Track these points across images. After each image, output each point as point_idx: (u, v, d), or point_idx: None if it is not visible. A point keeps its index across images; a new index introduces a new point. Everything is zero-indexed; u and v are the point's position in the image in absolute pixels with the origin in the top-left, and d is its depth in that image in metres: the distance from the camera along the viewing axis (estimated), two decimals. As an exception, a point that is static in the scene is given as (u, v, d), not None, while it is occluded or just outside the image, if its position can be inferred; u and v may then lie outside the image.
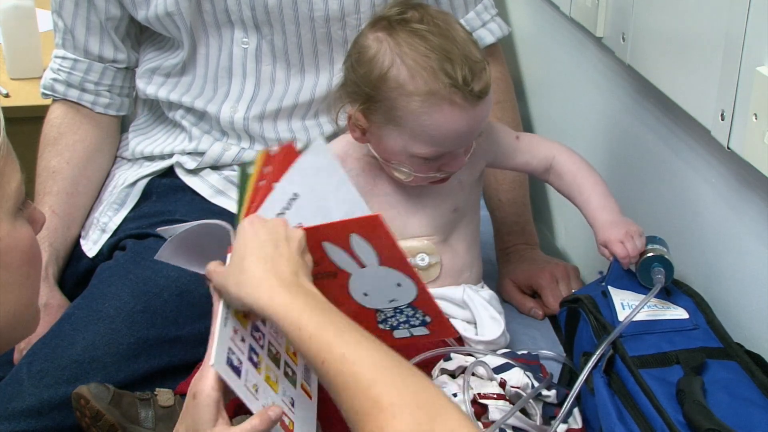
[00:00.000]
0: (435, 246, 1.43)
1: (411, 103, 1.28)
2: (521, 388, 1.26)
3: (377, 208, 1.41)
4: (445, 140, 1.31)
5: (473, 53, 1.29)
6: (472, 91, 1.27)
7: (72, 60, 1.70)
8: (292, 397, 1.14)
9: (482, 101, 1.29)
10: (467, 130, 1.31)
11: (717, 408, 1.10)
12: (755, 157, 1.16)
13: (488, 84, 1.29)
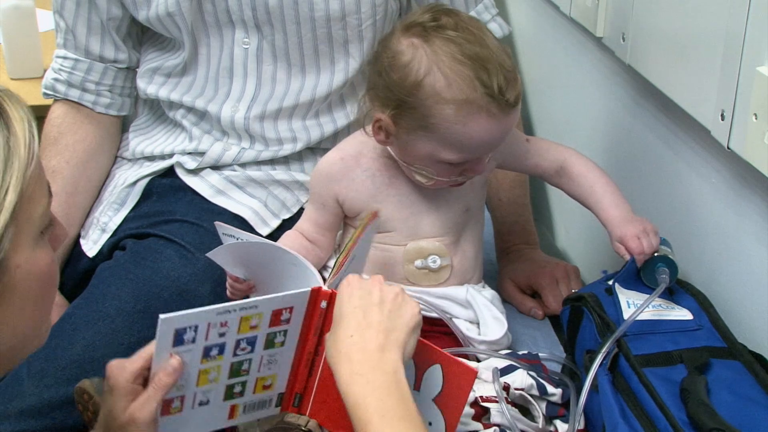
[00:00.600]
0: (446, 248, 1.43)
1: (446, 111, 1.28)
2: (525, 389, 1.26)
3: (392, 208, 1.41)
4: (475, 147, 1.31)
5: (506, 62, 1.29)
6: (508, 101, 1.28)
7: (73, 60, 1.70)
8: (208, 400, 1.13)
9: (514, 109, 1.30)
10: (499, 138, 1.32)
11: (720, 407, 1.10)
12: (755, 157, 1.16)
13: (520, 92, 1.30)
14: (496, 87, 1.26)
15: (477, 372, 1.18)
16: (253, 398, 1.17)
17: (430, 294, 1.42)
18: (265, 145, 1.64)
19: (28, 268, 0.91)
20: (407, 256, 1.42)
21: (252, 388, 1.16)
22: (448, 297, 1.42)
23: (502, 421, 1.24)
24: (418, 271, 1.42)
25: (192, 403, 1.13)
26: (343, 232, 1.48)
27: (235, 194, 1.62)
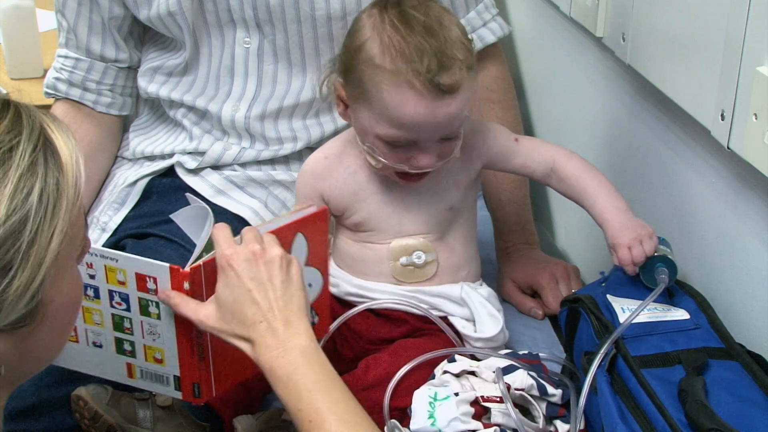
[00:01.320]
0: (431, 243, 1.43)
1: (376, 77, 1.29)
2: (525, 389, 1.26)
3: (374, 206, 1.41)
4: (403, 124, 1.30)
5: (452, 50, 1.28)
6: (433, 80, 1.26)
7: (74, 59, 1.70)
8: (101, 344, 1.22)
9: (447, 97, 1.28)
10: (426, 121, 1.29)
11: (718, 408, 1.10)
12: (755, 157, 1.16)
13: (457, 83, 1.28)
14: (426, 66, 1.25)
15: (327, 209, 1.27)
16: (147, 366, 1.22)
17: (425, 292, 1.42)
18: (265, 145, 1.64)
19: (61, 301, 0.90)
20: (392, 253, 1.42)
21: (143, 354, 1.21)
22: (443, 295, 1.42)
23: (503, 421, 1.24)
24: (404, 268, 1.42)
25: (85, 339, 1.21)
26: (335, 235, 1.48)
27: (235, 194, 1.63)
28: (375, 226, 1.43)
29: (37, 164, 0.83)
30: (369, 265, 1.44)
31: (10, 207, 0.80)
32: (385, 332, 1.42)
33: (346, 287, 1.44)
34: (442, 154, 1.34)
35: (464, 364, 1.31)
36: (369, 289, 1.43)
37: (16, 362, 0.87)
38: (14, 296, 0.82)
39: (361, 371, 1.35)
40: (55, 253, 0.84)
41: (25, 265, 0.81)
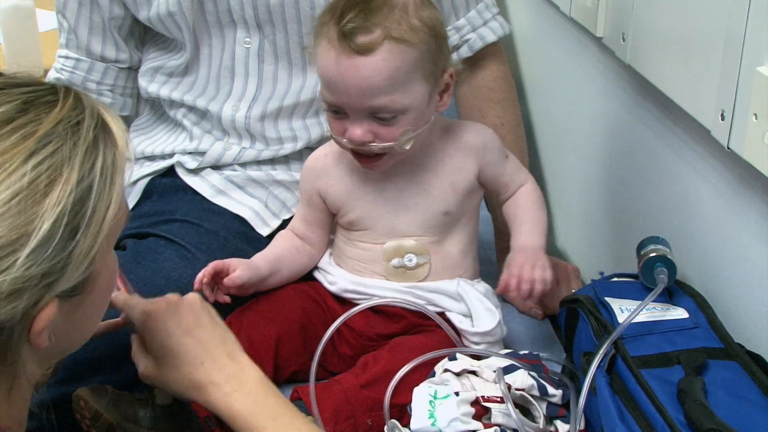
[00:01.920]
0: (425, 246, 1.43)
1: (315, 29, 1.32)
2: (525, 389, 1.26)
3: (368, 206, 1.42)
4: (325, 80, 1.32)
5: (383, 16, 1.28)
6: (346, 36, 1.27)
7: (74, 59, 1.70)
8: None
9: (356, 56, 1.28)
10: (337, 77, 1.30)
11: (718, 408, 1.10)
12: (755, 157, 1.16)
13: (369, 45, 1.27)
14: (344, 19, 1.27)
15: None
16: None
17: (421, 288, 1.42)
18: (265, 145, 1.64)
19: (107, 274, 0.95)
20: (385, 254, 1.43)
21: None
22: (440, 290, 1.43)
23: (504, 422, 1.24)
24: (396, 269, 1.42)
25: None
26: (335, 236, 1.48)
27: (235, 194, 1.63)
28: (368, 225, 1.43)
29: (98, 139, 0.89)
30: (363, 264, 1.44)
31: (80, 175, 0.86)
32: (382, 328, 1.42)
33: (344, 284, 1.45)
34: (380, 136, 1.33)
35: (465, 363, 1.31)
36: (366, 285, 1.43)
37: (61, 335, 0.91)
38: (77, 260, 0.87)
39: (360, 369, 1.35)
40: (109, 224, 0.89)
41: (87, 231, 0.87)
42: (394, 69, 1.29)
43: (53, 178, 0.85)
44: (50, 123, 0.86)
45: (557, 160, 1.92)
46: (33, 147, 0.85)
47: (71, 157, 0.86)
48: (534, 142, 1.98)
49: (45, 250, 0.84)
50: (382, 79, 1.29)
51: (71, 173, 0.86)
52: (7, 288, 0.83)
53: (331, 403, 1.29)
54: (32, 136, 0.85)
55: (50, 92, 0.90)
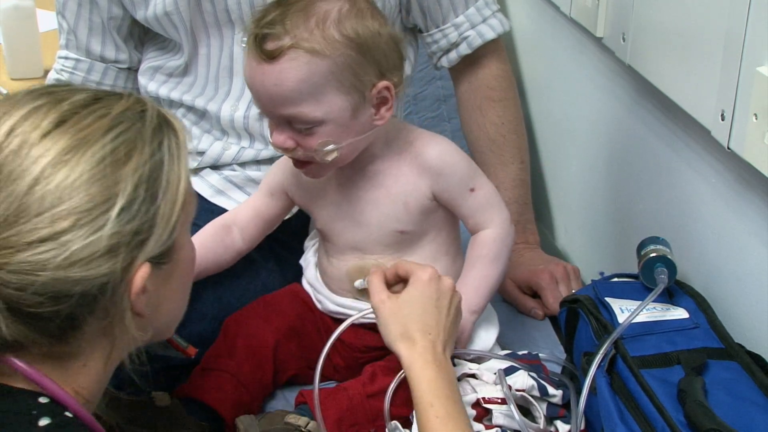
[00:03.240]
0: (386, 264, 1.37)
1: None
2: (526, 390, 1.26)
3: (327, 217, 1.40)
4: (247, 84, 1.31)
5: (297, 25, 1.25)
6: (257, 40, 1.25)
7: (74, 60, 1.70)
8: None
9: (264, 62, 1.25)
10: (250, 83, 1.29)
11: (718, 408, 1.10)
12: (755, 157, 1.16)
13: (275, 51, 1.24)
14: (258, 25, 1.25)
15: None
16: None
17: None
18: (264, 144, 1.64)
19: (186, 252, 1.06)
20: (349, 275, 1.41)
21: None
22: None
23: (504, 423, 1.24)
24: (359, 291, 1.40)
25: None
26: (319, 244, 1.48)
27: (234, 194, 1.63)
28: (331, 237, 1.42)
29: (162, 125, 1.01)
30: (335, 281, 1.43)
31: (151, 149, 0.98)
32: (372, 341, 1.40)
33: (328, 305, 1.44)
34: (301, 144, 1.30)
35: (464, 368, 1.31)
36: (348, 306, 1.42)
37: (154, 308, 1.01)
38: (161, 223, 0.97)
39: (368, 378, 1.34)
40: (183, 195, 1.00)
41: (165, 197, 0.98)
42: (298, 79, 1.25)
43: (130, 149, 0.96)
44: (120, 108, 0.99)
45: (557, 160, 1.92)
46: (109, 124, 0.97)
47: (142, 135, 0.98)
48: (534, 142, 1.97)
49: (132, 210, 0.95)
50: (287, 88, 1.26)
51: (144, 147, 0.97)
52: (105, 244, 0.93)
53: (336, 409, 1.29)
54: (107, 116, 0.97)
55: (115, 92, 1.03)
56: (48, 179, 0.92)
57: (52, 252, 0.91)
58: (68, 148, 0.94)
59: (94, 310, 0.95)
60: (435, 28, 1.67)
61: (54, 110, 0.96)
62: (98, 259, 0.93)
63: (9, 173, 0.92)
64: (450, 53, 1.68)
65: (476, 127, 1.71)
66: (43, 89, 1.00)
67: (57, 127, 0.95)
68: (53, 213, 0.92)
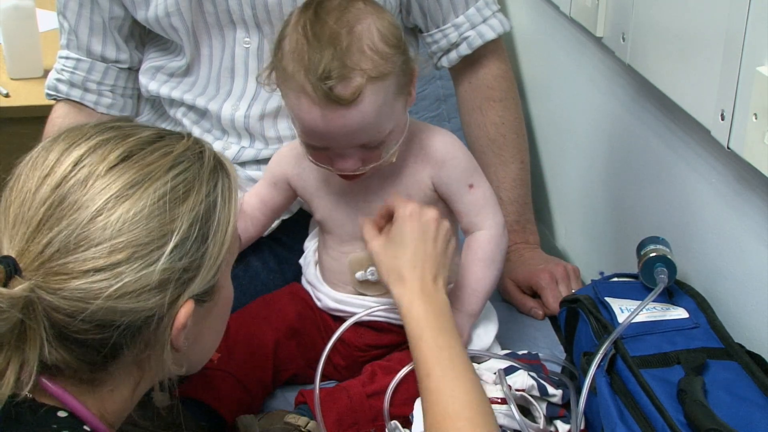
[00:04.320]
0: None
1: (281, 78, 1.28)
2: (525, 390, 1.26)
3: (329, 208, 1.40)
4: (306, 129, 1.29)
5: (355, 60, 1.23)
6: (324, 89, 1.22)
7: (75, 60, 1.70)
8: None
9: (341, 107, 1.24)
10: (323, 129, 1.26)
11: (718, 408, 1.10)
12: (755, 157, 1.16)
13: (354, 94, 1.23)
14: (318, 74, 1.22)
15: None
16: None
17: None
18: (264, 144, 1.64)
19: (226, 292, 1.08)
20: (350, 266, 1.41)
21: None
22: None
23: (504, 423, 1.24)
24: (360, 283, 1.41)
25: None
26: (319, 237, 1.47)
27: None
28: (332, 229, 1.42)
29: (217, 167, 1.05)
30: (336, 274, 1.43)
31: (207, 189, 1.01)
32: (371, 340, 1.41)
33: (328, 302, 1.44)
34: (367, 160, 1.31)
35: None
36: (347, 303, 1.42)
37: (191, 343, 1.03)
38: (208, 263, 1.00)
39: (368, 378, 1.34)
40: (230, 238, 1.03)
41: (215, 239, 1.01)
42: (378, 107, 1.26)
43: (188, 188, 1.00)
44: (181, 147, 1.02)
45: (557, 160, 1.92)
46: (172, 162, 1.00)
47: (200, 175, 1.01)
48: (534, 142, 1.98)
49: (184, 248, 0.98)
50: (370, 120, 1.26)
51: (201, 187, 1.01)
52: (156, 278, 0.96)
53: (336, 409, 1.29)
54: (170, 154, 1.00)
55: (175, 132, 1.06)
56: (111, 211, 0.95)
57: (106, 282, 0.94)
58: (132, 182, 0.97)
59: (135, 341, 0.98)
60: (435, 29, 1.67)
61: (121, 145, 0.99)
62: (148, 292, 0.96)
63: (73, 202, 0.95)
64: (450, 53, 1.68)
65: (476, 126, 1.71)
66: (110, 123, 1.04)
67: (123, 162, 0.98)
68: (112, 244, 0.94)
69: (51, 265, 0.94)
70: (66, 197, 0.96)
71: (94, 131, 1.01)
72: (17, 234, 0.95)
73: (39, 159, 0.99)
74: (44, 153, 0.99)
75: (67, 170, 0.97)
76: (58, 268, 0.94)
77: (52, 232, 0.94)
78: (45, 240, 0.94)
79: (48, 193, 0.96)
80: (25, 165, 1.00)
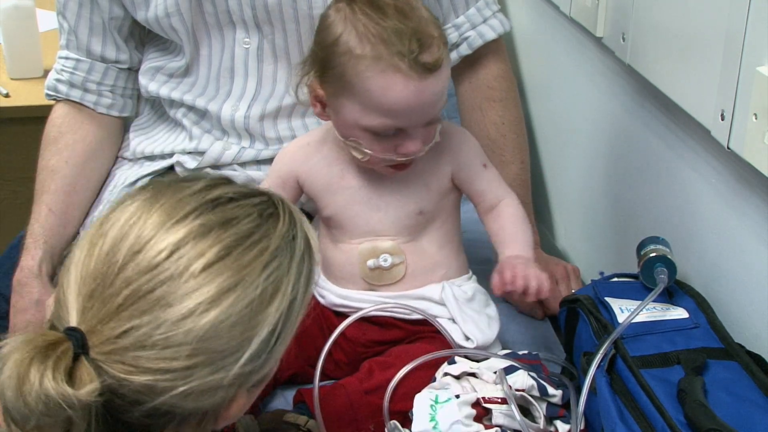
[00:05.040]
0: (400, 246, 1.41)
1: (358, 67, 1.27)
2: (525, 390, 1.26)
3: (342, 202, 1.41)
4: (392, 111, 1.29)
5: (428, 29, 1.28)
6: (417, 60, 1.25)
7: (74, 60, 1.70)
8: None
9: (432, 75, 1.27)
10: (414, 103, 1.28)
11: (718, 408, 1.10)
12: (755, 157, 1.16)
13: (440, 59, 1.27)
14: (408, 46, 1.25)
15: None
16: None
17: (407, 297, 1.41)
18: (265, 144, 1.64)
19: (273, 369, 0.99)
20: (361, 255, 1.41)
21: None
22: (425, 298, 1.41)
23: (504, 423, 1.24)
24: (372, 271, 1.41)
25: None
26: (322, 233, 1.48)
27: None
28: (344, 223, 1.42)
29: (305, 254, 0.98)
30: (341, 267, 1.43)
31: (294, 287, 0.95)
32: (375, 336, 1.41)
33: (332, 298, 1.44)
34: (426, 139, 1.34)
35: (464, 366, 1.31)
36: (352, 298, 1.42)
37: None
38: (274, 360, 0.95)
39: (365, 374, 1.34)
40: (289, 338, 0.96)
41: (288, 335, 0.95)
42: (448, 73, 1.32)
43: (276, 289, 0.93)
44: (278, 238, 0.94)
45: (557, 160, 1.92)
46: (267, 260, 0.93)
47: (289, 271, 0.94)
48: (534, 142, 1.98)
49: (260, 357, 0.93)
50: (443, 89, 1.31)
51: (288, 286, 0.94)
52: (228, 383, 0.91)
53: (335, 407, 1.29)
54: (267, 250, 0.93)
55: (271, 204, 0.97)
56: (200, 317, 0.89)
57: (174, 383, 0.88)
58: (227, 288, 0.90)
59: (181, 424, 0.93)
60: (435, 29, 1.67)
61: (221, 239, 0.91)
62: (214, 393, 0.91)
63: (163, 297, 0.88)
64: (450, 53, 1.68)
65: (476, 126, 1.71)
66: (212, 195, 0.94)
67: (220, 261, 0.90)
68: (192, 348, 0.88)
69: (122, 357, 0.87)
70: (155, 289, 0.88)
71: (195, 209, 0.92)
72: (91, 308, 0.89)
73: (134, 223, 0.91)
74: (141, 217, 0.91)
75: (162, 257, 0.89)
76: (131, 360, 0.87)
77: (132, 322, 0.87)
78: (122, 328, 0.87)
79: (135, 276, 0.89)
80: (117, 219, 0.92)
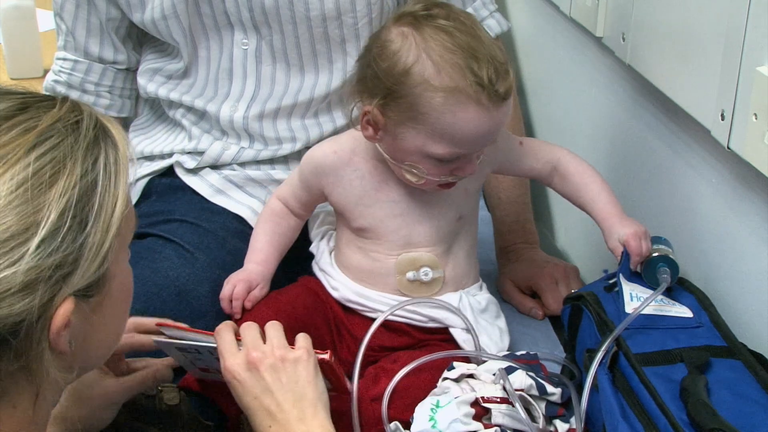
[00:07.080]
0: (438, 258, 1.41)
1: (434, 99, 1.25)
2: (524, 389, 1.26)
3: (381, 215, 1.39)
4: (464, 140, 1.28)
5: (498, 54, 1.27)
6: (497, 91, 1.25)
7: (72, 61, 1.70)
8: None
9: (505, 103, 1.28)
10: (487, 132, 1.29)
11: (720, 407, 1.10)
12: (755, 157, 1.16)
13: (511, 86, 1.28)
14: (486, 77, 1.24)
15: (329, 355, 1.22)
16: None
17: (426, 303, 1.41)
18: (264, 145, 1.64)
19: (121, 280, 0.95)
20: (399, 267, 1.40)
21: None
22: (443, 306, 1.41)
23: (504, 422, 1.24)
24: (410, 283, 1.41)
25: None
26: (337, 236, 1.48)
27: (234, 194, 1.62)
28: (381, 235, 1.41)
29: (99, 138, 0.91)
30: (373, 276, 1.42)
31: (83, 169, 0.88)
32: (385, 340, 1.40)
33: (347, 293, 1.43)
34: (479, 155, 1.35)
35: (462, 369, 1.31)
36: (369, 297, 1.42)
37: (80, 341, 0.91)
38: (89, 254, 0.88)
39: (371, 381, 1.33)
40: (118, 221, 0.90)
41: (97, 225, 0.88)
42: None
43: (57, 170, 0.86)
44: (49, 120, 0.88)
45: (557, 160, 1.92)
46: (34, 141, 0.86)
47: (73, 152, 0.88)
48: (533, 142, 1.98)
49: (55, 241, 0.85)
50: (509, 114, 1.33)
51: (74, 166, 0.87)
52: (21, 280, 0.83)
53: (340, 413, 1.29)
54: (32, 130, 0.87)
55: (47, 98, 0.92)
56: None
57: None
58: None
59: (4, 351, 0.85)
60: (434, 29, 1.67)
61: None
62: (11, 297, 0.83)
63: None
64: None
65: (476, 127, 1.71)
66: None
67: None
68: None
69: None
70: None
71: None
72: None
73: None
74: None
75: None
76: None
77: None
78: None
79: None
80: None
